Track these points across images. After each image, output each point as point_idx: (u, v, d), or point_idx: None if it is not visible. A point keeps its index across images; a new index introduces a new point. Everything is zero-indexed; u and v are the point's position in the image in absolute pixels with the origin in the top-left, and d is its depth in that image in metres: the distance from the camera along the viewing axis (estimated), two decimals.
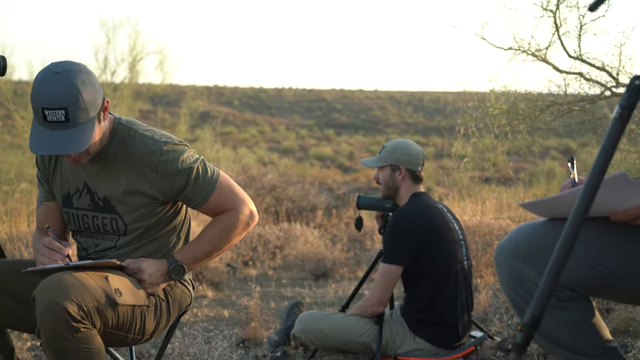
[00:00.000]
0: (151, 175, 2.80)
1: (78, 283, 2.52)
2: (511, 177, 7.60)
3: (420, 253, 4.12)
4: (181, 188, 2.83)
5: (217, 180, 2.88)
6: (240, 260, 8.97)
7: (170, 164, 2.80)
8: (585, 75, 5.70)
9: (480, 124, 6.34)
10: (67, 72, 2.61)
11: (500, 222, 6.93)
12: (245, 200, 2.94)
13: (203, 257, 2.93)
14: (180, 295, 2.97)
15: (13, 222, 8.66)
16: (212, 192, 2.86)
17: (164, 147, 2.80)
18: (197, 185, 2.84)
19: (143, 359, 4.64)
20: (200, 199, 2.86)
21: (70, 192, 2.90)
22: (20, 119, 16.62)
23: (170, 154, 2.81)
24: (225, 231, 2.91)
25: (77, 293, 2.50)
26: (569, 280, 2.17)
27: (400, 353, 4.20)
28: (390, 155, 4.30)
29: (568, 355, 2.23)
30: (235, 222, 2.91)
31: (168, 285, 2.92)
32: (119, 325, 2.68)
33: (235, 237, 2.94)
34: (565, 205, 2.09)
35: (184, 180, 2.82)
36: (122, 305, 2.64)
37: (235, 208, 2.91)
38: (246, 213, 2.92)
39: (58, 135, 2.60)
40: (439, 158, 26.33)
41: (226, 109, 43.12)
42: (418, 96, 52.97)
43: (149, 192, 2.82)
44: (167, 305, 2.89)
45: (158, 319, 2.85)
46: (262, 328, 5.05)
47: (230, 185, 2.92)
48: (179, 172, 2.81)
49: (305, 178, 15.40)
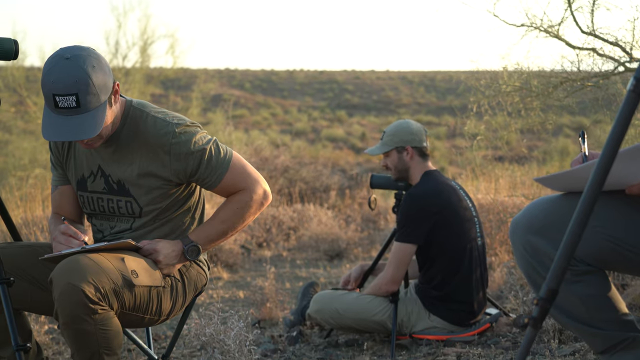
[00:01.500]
0: (164, 157, 2.81)
1: (94, 265, 2.54)
2: (524, 155, 7.58)
3: (434, 231, 4.12)
4: (194, 169, 2.84)
5: (230, 161, 2.88)
6: (255, 241, 9.00)
7: (183, 145, 2.80)
8: (599, 51, 5.65)
9: (493, 102, 6.31)
10: (77, 57, 2.61)
11: (514, 200, 6.92)
12: (259, 180, 2.95)
13: (218, 237, 2.94)
14: (196, 276, 2.98)
15: (28, 207, 8.71)
16: (225, 172, 2.86)
17: (176, 129, 2.81)
18: (210, 166, 2.84)
19: (159, 340, 4.67)
20: (214, 179, 2.87)
21: (85, 175, 2.91)
22: (32, 104, 16.66)
23: (182, 136, 2.81)
24: (239, 211, 2.91)
25: (93, 275, 2.51)
26: (584, 254, 2.17)
27: (416, 331, 4.20)
28: (393, 138, 4.29)
29: (584, 329, 2.23)
30: (249, 201, 2.91)
31: (183, 267, 2.93)
32: (136, 306, 2.69)
33: (250, 217, 2.94)
34: (580, 179, 2.08)
35: (197, 161, 2.82)
36: (139, 286, 2.66)
37: (248, 188, 2.91)
38: (260, 192, 2.93)
39: (70, 121, 2.61)
40: (451, 137, 26.23)
41: (238, 92, 43.10)
42: (430, 76, 52.77)
43: (163, 174, 2.82)
44: (182, 286, 2.90)
45: (174, 299, 2.86)
46: (278, 308, 5.07)
47: (243, 166, 2.92)
48: (191, 154, 2.81)
49: (318, 159, 15.41)
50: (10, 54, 2.79)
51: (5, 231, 5.45)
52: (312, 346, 4.33)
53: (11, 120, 18.02)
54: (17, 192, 9.49)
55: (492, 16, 5.99)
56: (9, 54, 2.79)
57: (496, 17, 5.99)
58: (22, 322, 2.92)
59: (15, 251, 2.87)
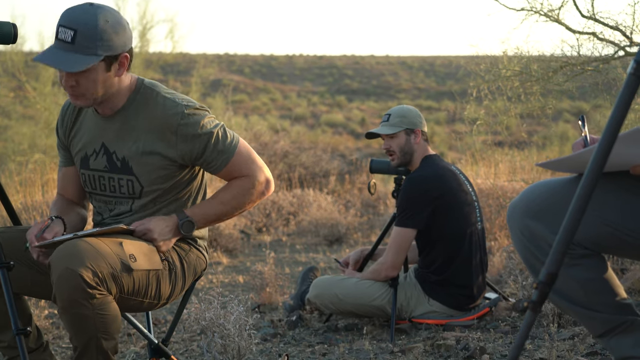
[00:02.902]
0: (171, 137, 2.80)
1: (93, 250, 2.53)
2: (524, 140, 7.57)
3: (435, 216, 4.13)
4: (200, 152, 2.83)
5: (236, 146, 2.87)
6: (254, 226, 9.01)
7: (190, 127, 2.80)
8: (599, 35, 5.64)
9: (493, 86, 6.30)
10: (100, 7, 2.68)
11: (514, 185, 6.92)
12: (263, 168, 2.94)
13: (214, 218, 2.94)
14: (195, 260, 2.98)
15: (27, 192, 8.71)
16: (231, 157, 2.86)
17: (185, 110, 2.80)
18: (216, 149, 2.84)
19: (159, 324, 4.68)
20: (219, 163, 2.86)
21: (88, 153, 2.92)
22: (32, 89, 16.61)
23: (191, 118, 2.80)
24: (240, 196, 2.91)
25: (91, 259, 2.51)
26: (582, 238, 2.17)
27: (415, 315, 4.21)
28: (403, 119, 4.28)
29: (582, 312, 2.24)
30: (251, 188, 2.91)
31: (182, 250, 2.92)
32: (135, 290, 2.69)
33: (249, 204, 2.94)
34: (583, 162, 2.08)
35: (203, 144, 2.82)
36: (137, 270, 2.65)
37: (252, 175, 2.90)
38: (262, 180, 2.92)
39: (59, 53, 2.64)
40: (451, 122, 26.21)
41: (237, 77, 43.03)
42: (429, 61, 52.68)
43: (168, 154, 2.82)
44: (182, 269, 2.89)
45: (173, 283, 2.85)
46: (277, 293, 5.08)
47: (249, 152, 2.92)
48: (198, 136, 2.81)
49: (318, 144, 15.40)
50: (9, 38, 2.78)
51: (5, 216, 5.45)
52: (312, 330, 4.34)
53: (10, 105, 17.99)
54: (16, 177, 9.49)
55: (492, 0, 5.98)
56: (7, 37, 2.78)
57: (496, 1, 5.98)
58: (22, 306, 2.93)
59: (14, 235, 2.86)
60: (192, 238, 2.96)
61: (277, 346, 4.02)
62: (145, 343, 4.02)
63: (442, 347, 3.67)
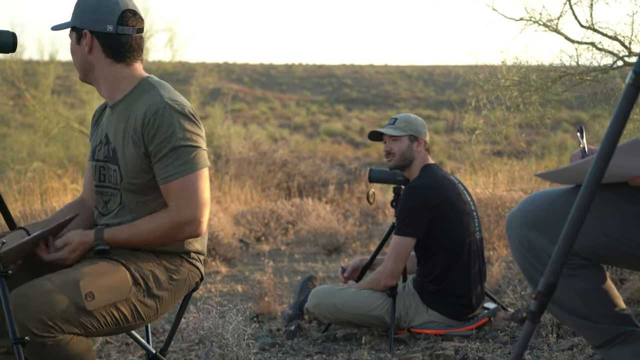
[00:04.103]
0: (143, 128, 2.73)
1: (41, 299, 2.50)
2: (523, 150, 7.58)
3: (434, 225, 4.13)
4: (154, 154, 2.73)
5: (189, 172, 2.71)
6: (253, 235, 9.01)
7: (163, 122, 2.70)
8: (598, 45, 5.65)
9: (492, 96, 6.31)
10: None
11: (513, 195, 6.92)
12: (198, 209, 2.72)
13: (132, 245, 2.77)
14: (187, 273, 2.89)
15: (26, 200, 8.72)
16: (174, 178, 2.71)
17: (165, 107, 2.72)
18: (168, 159, 2.71)
19: (157, 334, 4.68)
20: (162, 177, 2.73)
21: (95, 144, 2.92)
22: (31, 98, 16.62)
23: (165, 117, 2.71)
24: (157, 230, 2.74)
25: (39, 309, 2.49)
26: (580, 248, 2.17)
27: (414, 325, 4.21)
28: (409, 125, 4.29)
29: (581, 322, 2.23)
30: (170, 226, 2.72)
31: (173, 266, 2.82)
32: (107, 323, 2.64)
33: (168, 240, 2.77)
34: (582, 173, 2.08)
35: (163, 146, 2.70)
36: (96, 309, 2.59)
37: (179, 211, 2.71)
38: (185, 219, 2.71)
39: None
40: (450, 132, 26.23)
41: (236, 86, 43.08)
42: (428, 70, 52.75)
43: (139, 145, 2.75)
44: (170, 284, 2.79)
45: (158, 301, 2.77)
46: (276, 302, 5.07)
47: (196, 188, 2.72)
48: (163, 139, 2.70)
49: (317, 153, 15.40)
50: (8, 47, 2.80)
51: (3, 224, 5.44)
52: (310, 340, 4.33)
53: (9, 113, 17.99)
54: (15, 185, 9.50)
55: (491, 10, 6.00)
56: (7, 46, 2.80)
57: (495, 11, 6.00)
58: None
59: None
60: (186, 252, 2.87)
61: (276, 356, 4.01)
62: (143, 353, 4.01)
63: (441, 357, 3.66)
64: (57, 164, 14.62)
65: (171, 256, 2.84)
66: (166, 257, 2.83)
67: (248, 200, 10.92)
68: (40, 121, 16.51)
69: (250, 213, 9.50)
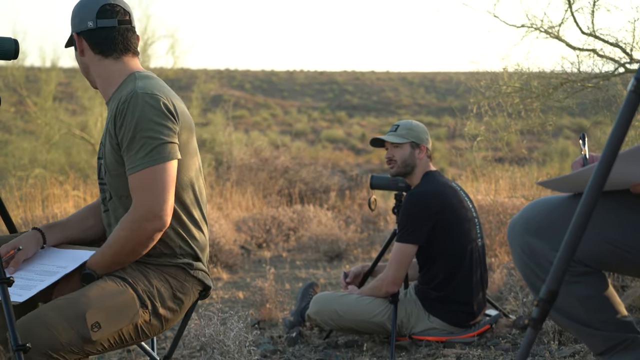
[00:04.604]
0: (115, 119, 2.70)
1: (47, 333, 2.49)
2: (524, 156, 7.58)
3: (435, 232, 4.12)
4: (122, 145, 2.67)
5: (152, 164, 2.62)
6: (254, 242, 9.00)
7: (129, 112, 2.65)
8: (599, 52, 5.65)
9: (493, 103, 6.31)
10: None
11: (514, 201, 6.92)
12: (159, 204, 2.61)
13: (113, 265, 2.70)
14: (191, 287, 2.87)
15: (28, 207, 8.72)
16: (138, 169, 2.62)
17: (134, 97, 2.66)
18: (132, 150, 2.64)
19: (159, 340, 4.67)
20: (127, 168, 2.66)
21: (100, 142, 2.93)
22: (33, 104, 16.64)
23: (131, 107, 2.65)
24: (124, 233, 2.65)
25: (45, 343, 2.48)
26: (582, 255, 2.17)
27: (415, 332, 4.20)
28: (411, 132, 4.29)
29: (583, 330, 2.23)
30: (131, 222, 2.62)
31: (177, 282, 2.78)
32: (110, 346, 2.63)
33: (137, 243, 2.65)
34: (583, 181, 2.08)
35: (127, 137, 2.64)
36: (102, 338, 2.58)
37: (140, 205, 2.62)
38: (145, 213, 2.61)
39: None
40: (451, 138, 26.23)
41: (238, 93, 43.11)
42: (430, 77, 52.78)
43: (112, 135, 2.71)
44: (173, 301, 2.76)
45: (161, 318, 2.75)
46: (277, 309, 5.07)
47: (159, 181, 2.61)
48: (128, 129, 2.64)
49: (318, 160, 15.41)
50: (10, 54, 2.80)
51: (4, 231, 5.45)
52: (312, 347, 4.33)
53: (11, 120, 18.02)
54: (17, 192, 9.50)
55: (492, 17, 6.00)
56: (9, 53, 2.80)
57: (496, 18, 6.00)
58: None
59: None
60: (189, 264, 2.82)
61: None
62: (145, 359, 4.00)
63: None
64: (58, 170, 14.63)
65: (175, 269, 2.79)
66: (170, 270, 2.78)
67: (249, 207, 10.93)
68: (41, 128, 16.53)
69: (252, 219, 9.50)
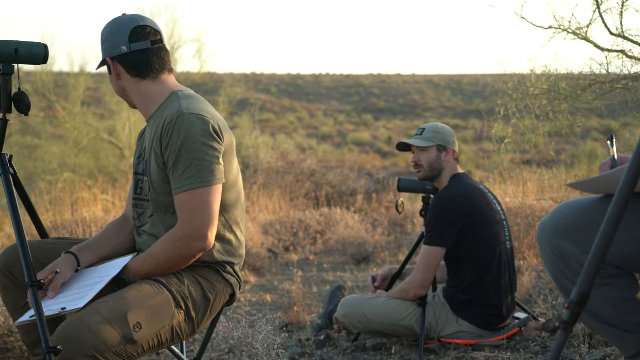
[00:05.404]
0: (161, 139, 2.73)
1: (91, 335, 2.50)
2: (553, 159, 7.53)
3: (463, 234, 4.11)
4: (168, 164, 2.72)
5: (199, 186, 2.67)
6: (282, 245, 9.01)
7: (175, 132, 2.68)
8: (628, 53, 5.61)
9: (521, 105, 6.28)
10: (122, 15, 2.89)
11: (543, 204, 6.87)
12: (204, 226, 2.67)
13: (150, 273, 2.74)
14: (223, 289, 2.90)
15: (57, 210, 8.80)
16: (183, 190, 2.68)
17: (180, 117, 2.70)
18: (178, 170, 2.69)
19: (187, 343, 4.69)
20: (173, 187, 2.72)
21: (136, 158, 2.95)
22: (61, 109, 16.80)
23: (177, 127, 2.69)
24: (167, 248, 2.71)
25: (90, 345, 2.49)
26: (613, 257, 2.15)
27: (444, 335, 4.19)
28: (437, 135, 4.27)
29: (614, 332, 2.21)
30: (177, 241, 2.69)
31: (209, 284, 2.82)
32: (150, 349, 2.66)
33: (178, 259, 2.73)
34: (613, 183, 2.07)
35: (173, 156, 2.69)
36: (142, 338, 2.60)
37: (185, 225, 2.69)
38: (190, 233, 2.67)
39: None
40: (478, 141, 26.14)
41: (264, 96, 43.24)
42: (456, 79, 52.63)
43: (158, 154, 2.75)
44: (205, 303, 2.80)
45: (194, 321, 2.78)
46: (305, 312, 5.07)
47: (208, 202, 2.67)
48: (174, 149, 2.69)
49: (345, 163, 15.40)
50: (40, 59, 2.83)
51: (35, 235, 5.52)
52: (340, 350, 4.32)
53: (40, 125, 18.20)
54: (46, 196, 9.59)
55: (520, 18, 5.98)
56: (39, 58, 2.83)
57: (524, 20, 5.98)
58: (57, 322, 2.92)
59: (45, 249, 2.90)
60: (222, 265, 2.85)
61: None
62: None
63: None
64: (87, 174, 14.76)
65: (207, 270, 2.83)
66: (201, 271, 2.81)
67: (277, 210, 10.94)
68: (70, 132, 16.68)
69: (279, 223, 9.51)
